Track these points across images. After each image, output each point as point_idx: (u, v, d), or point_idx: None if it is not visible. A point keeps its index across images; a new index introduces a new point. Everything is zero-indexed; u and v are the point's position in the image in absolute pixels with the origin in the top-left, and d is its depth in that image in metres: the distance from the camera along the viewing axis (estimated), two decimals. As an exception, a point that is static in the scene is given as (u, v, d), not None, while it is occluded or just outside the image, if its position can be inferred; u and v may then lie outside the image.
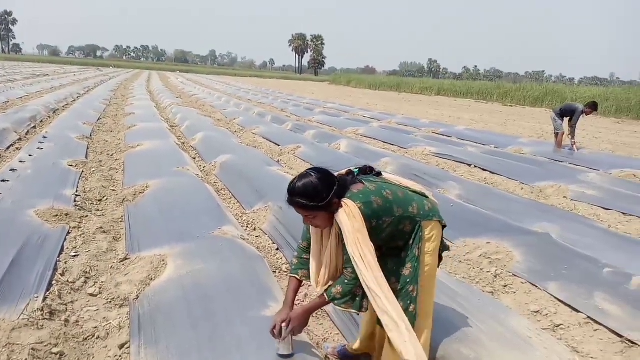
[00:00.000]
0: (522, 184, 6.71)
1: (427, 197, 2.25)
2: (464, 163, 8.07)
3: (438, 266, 2.26)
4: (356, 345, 2.53)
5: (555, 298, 3.29)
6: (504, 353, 2.39)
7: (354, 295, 2.03)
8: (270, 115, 14.63)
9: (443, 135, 11.89)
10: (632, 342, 2.67)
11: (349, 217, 1.91)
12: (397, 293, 2.12)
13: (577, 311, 3.10)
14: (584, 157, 8.91)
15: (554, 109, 10.08)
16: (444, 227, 2.22)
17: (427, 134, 11.84)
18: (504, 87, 30.33)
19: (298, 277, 2.23)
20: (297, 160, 7.99)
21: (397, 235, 2.11)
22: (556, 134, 9.72)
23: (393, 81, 42.69)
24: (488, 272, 3.67)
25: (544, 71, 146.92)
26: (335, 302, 2.08)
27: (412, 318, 2.13)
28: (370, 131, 11.72)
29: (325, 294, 2.08)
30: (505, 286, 3.47)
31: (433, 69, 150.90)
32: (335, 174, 2.09)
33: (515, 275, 3.61)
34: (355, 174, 2.15)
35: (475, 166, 7.81)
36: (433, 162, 8.16)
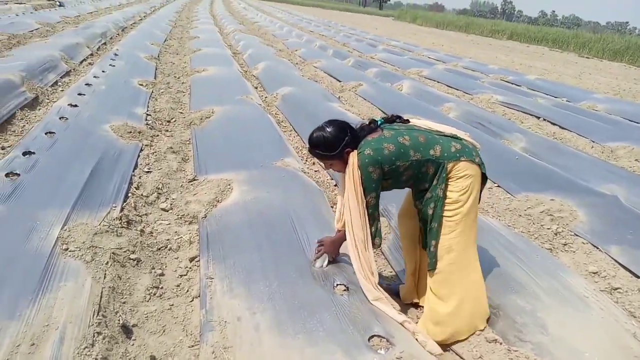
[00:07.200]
0: (593, 142, 6.37)
1: (459, 139, 2.28)
2: (532, 115, 7.69)
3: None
4: (402, 292, 2.66)
5: (616, 261, 3.21)
6: (559, 308, 2.40)
7: None
8: (332, 49, 14.33)
9: (512, 83, 11.28)
10: (695, 315, 2.61)
11: (348, 171, 2.15)
12: (429, 232, 2.26)
13: (638, 277, 3.03)
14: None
15: None
16: (480, 166, 2.23)
17: (495, 80, 11.25)
18: (582, 36, 27.84)
19: None
20: (358, 98, 7.89)
21: (421, 177, 2.23)
22: None
23: (462, 20, 40.01)
24: (549, 229, 3.60)
25: (627, 22, 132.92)
26: None
27: (432, 256, 2.27)
28: (435, 73, 11.28)
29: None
30: (565, 244, 3.41)
31: (507, 11, 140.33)
32: (357, 124, 2.28)
33: (576, 235, 3.53)
34: (379, 122, 2.29)
35: (544, 119, 7.43)
36: (499, 111, 7.83)
